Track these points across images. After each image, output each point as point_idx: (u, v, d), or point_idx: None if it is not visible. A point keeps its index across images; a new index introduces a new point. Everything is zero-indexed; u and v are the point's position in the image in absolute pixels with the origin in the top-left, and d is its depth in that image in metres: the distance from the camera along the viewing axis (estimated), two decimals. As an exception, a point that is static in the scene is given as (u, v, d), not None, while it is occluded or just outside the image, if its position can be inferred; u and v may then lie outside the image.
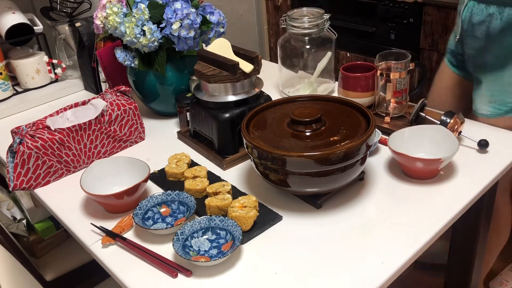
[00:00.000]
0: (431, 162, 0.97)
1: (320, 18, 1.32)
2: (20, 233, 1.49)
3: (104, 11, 1.22)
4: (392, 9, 1.98)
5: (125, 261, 0.87)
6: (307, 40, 1.35)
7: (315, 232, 0.89)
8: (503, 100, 1.24)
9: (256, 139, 0.94)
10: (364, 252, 0.83)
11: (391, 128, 1.15)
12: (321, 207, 0.95)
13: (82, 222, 0.98)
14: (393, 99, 1.17)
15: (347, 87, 1.23)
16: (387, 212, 0.93)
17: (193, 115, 1.19)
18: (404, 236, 0.86)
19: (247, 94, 1.11)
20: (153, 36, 1.17)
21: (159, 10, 1.18)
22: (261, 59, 1.12)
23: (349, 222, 0.91)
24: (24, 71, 1.59)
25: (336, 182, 0.91)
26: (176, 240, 0.85)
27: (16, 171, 1.05)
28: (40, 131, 1.07)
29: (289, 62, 1.41)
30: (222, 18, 1.27)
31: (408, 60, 1.13)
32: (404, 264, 0.81)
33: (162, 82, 1.28)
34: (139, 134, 1.25)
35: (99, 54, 1.37)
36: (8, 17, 1.57)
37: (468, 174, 1.01)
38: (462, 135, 1.10)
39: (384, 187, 1.00)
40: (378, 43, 2.12)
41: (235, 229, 0.86)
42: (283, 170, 0.89)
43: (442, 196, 0.95)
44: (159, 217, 0.95)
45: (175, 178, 1.07)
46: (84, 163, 1.16)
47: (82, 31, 1.46)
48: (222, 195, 0.95)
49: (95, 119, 1.13)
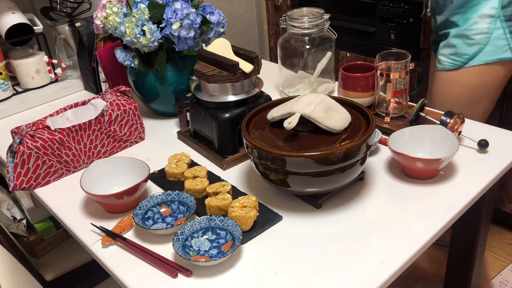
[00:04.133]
0: (431, 162, 0.97)
1: (320, 18, 1.32)
2: (20, 233, 1.49)
3: (104, 11, 1.22)
4: (392, 9, 1.98)
5: (125, 261, 0.87)
6: (307, 40, 1.35)
7: (315, 232, 0.89)
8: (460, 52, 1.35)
9: (256, 139, 0.94)
10: (364, 252, 0.83)
11: (391, 128, 1.15)
12: (321, 207, 0.95)
13: (82, 222, 0.98)
14: (393, 99, 1.17)
15: (347, 87, 1.23)
16: (387, 212, 0.93)
17: (193, 115, 1.19)
18: (404, 236, 0.86)
19: (247, 94, 1.11)
20: (153, 36, 1.17)
21: (159, 10, 1.18)
22: (261, 59, 1.12)
23: (349, 222, 0.91)
24: (24, 71, 1.59)
25: (336, 182, 0.91)
26: (176, 240, 0.85)
27: (16, 171, 1.05)
28: (40, 131, 1.07)
29: (289, 62, 1.41)
30: (222, 18, 1.27)
31: (408, 60, 1.13)
32: (404, 264, 0.81)
33: (162, 82, 1.28)
34: (139, 134, 1.25)
35: (99, 54, 1.37)
36: (8, 17, 1.57)
37: (468, 174, 1.01)
38: (462, 135, 1.10)
39: (384, 187, 1.00)
40: (378, 43, 2.12)
41: (235, 229, 0.86)
42: (283, 170, 0.89)
43: (442, 196, 0.95)
44: (159, 217, 0.95)
45: (175, 178, 1.07)
46: (84, 163, 1.16)
47: (82, 31, 1.46)
48: (222, 195, 0.95)
49: (95, 119, 1.13)
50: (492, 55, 1.31)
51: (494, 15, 1.28)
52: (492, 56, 1.31)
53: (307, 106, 0.94)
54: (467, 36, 1.33)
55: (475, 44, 1.32)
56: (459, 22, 1.34)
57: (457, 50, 1.35)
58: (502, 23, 1.28)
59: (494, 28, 1.28)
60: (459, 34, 1.34)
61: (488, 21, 1.29)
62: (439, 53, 1.42)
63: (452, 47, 1.37)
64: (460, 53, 1.35)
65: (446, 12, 1.38)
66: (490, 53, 1.31)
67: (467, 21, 1.32)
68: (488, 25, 1.29)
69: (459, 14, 1.33)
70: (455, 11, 1.34)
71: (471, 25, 1.31)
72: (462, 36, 1.34)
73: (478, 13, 1.29)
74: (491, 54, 1.31)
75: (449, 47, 1.38)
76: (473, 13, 1.31)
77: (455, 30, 1.36)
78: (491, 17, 1.28)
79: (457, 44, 1.35)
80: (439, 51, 1.42)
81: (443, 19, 1.40)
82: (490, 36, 1.29)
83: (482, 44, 1.30)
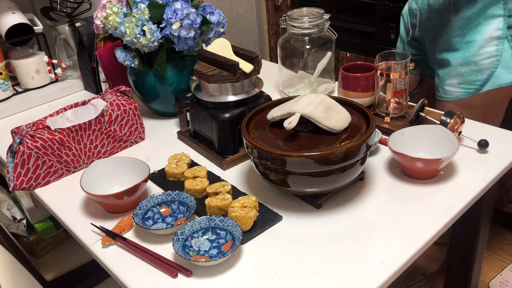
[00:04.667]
0: (431, 162, 0.97)
1: (320, 18, 1.32)
2: (20, 233, 1.49)
3: (104, 11, 1.22)
4: (392, 9, 1.98)
5: (125, 261, 0.87)
6: (307, 40, 1.35)
7: (315, 232, 0.89)
8: (471, 80, 1.30)
9: (256, 139, 0.94)
10: (364, 252, 0.83)
11: (391, 128, 1.15)
12: (321, 207, 0.95)
13: (82, 222, 0.98)
14: (393, 99, 1.17)
15: (347, 87, 1.23)
16: (387, 212, 0.93)
17: (193, 115, 1.19)
18: (404, 236, 0.86)
19: (247, 94, 1.11)
20: (153, 36, 1.17)
21: (159, 10, 1.18)
22: (261, 59, 1.12)
23: (349, 222, 0.91)
24: (24, 71, 1.59)
25: (336, 182, 0.91)
26: (176, 240, 0.85)
27: (16, 171, 1.05)
28: (40, 131, 1.07)
29: (289, 62, 1.41)
30: (222, 18, 1.27)
31: (408, 60, 1.13)
32: (404, 264, 0.81)
33: (162, 82, 1.28)
34: (139, 134, 1.25)
35: (99, 54, 1.37)
36: (8, 17, 1.57)
37: (468, 174, 1.01)
38: (462, 135, 1.10)
39: (384, 187, 1.00)
40: (378, 43, 2.12)
41: (235, 229, 0.86)
42: (283, 170, 0.89)
43: (442, 196, 0.95)
44: (159, 217, 0.95)
45: (175, 178, 1.07)
46: (84, 163, 1.16)
47: (82, 31, 1.46)
48: (222, 195, 0.95)
49: (95, 119, 1.13)
50: (505, 78, 1.27)
51: (501, 36, 1.24)
52: (506, 80, 1.28)
53: (307, 106, 0.94)
54: (475, 63, 1.28)
55: (485, 69, 1.27)
56: (459, 46, 1.29)
57: (466, 78, 1.30)
58: (510, 43, 1.25)
59: (502, 49, 1.25)
60: (466, 62, 1.29)
61: (495, 43, 1.25)
62: (445, 84, 1.35)
63: (460, 76, 1.31)
64: (471, 80, 1.30)
65: (444, 34, 1.32)
66: (502, 76, 1.27)
67: (471, 45, 1.27)
68: (496, 47, 1.25)
69: (459, 36, 1.28)
70: (455, 33, 1.29)
71: (477, 50, 1.26)
72: (469, 64, 1.28)
73: (482, 35, 1.25)
74: (504, 78, 1.27)
75: (456, 77, 1.32)
76: (474, 35, 1.26)
77: (459, 57, 1.30)
78: (497, 39, 1.24)
79: (465, 72, 1.30)
80: (444, 82, 1.35)
81: (440, 41, 1.34)
82: (500, 58, 1.25)
83: (493, 68, 1.26)
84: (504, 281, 1.77)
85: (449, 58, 1.32)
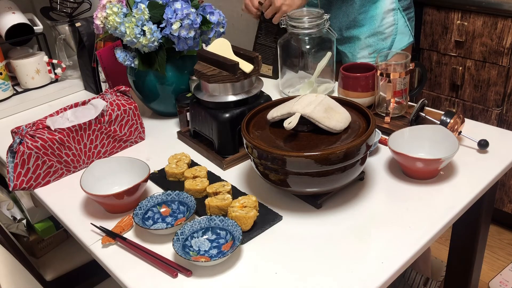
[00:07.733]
0: (431, 162, 0.97)
1: (320, 18, 1.32)
2: (20, 233, 1.49)
3: (104, 11, 1.22)
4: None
5: (125, 261, 0.87)
6: (307, 40, 1.35)
7: (315, 232, 0.89)
8: (379, 48, 1.52)
9: (256, 139, 0.94)
10: (364, 252, 0.83)
11: (391, 128, 1.15)
12: (321, 207, 0.95)
13: (82, 222, 0.98)
14: (393, 99, 1.17)
15: (347, 87, 1.23)
16: (387, 212, 0.93)
17: (193, 115, 1.19)
18: (404, 236, 0.86)
19: (247, 94, 1.11)
20: (153, 36, 1.17)
21: (159, 10, 1.18)
22: (261, 59, 1.12)
23: (349, 222, 0.91)
24: (24, 71, 1.59)
25: (336, 182, 0.91)
26: (176, 240, 0.85)
27: (16, 171, 1.05)
28: (40, 131, 1.07)
29: (289, 62, 1.41)
30: (222, 18, 1.27)
31: (408, 60, 1.13)
32: (404, 264, 0.81)
33: (162, 82, 1.28)
34: (139, 134, 1.25)
35: (99, 54, 1.37)
36: (8, 17, 1.57)
37: (468, 174, 1.01)
38: (462, 135, 1.10)
39: (384, 187, 1.00)
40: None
41: (235, 229, 0.86)
42: (283, 170, 0.89)
43: (442, 196, 0.95)
44: (159, 217, 0.95)
45: (175, 178, 1.07)
46: (84, 163, 1.16)
47: (82, 31, 1.46)
48: (222, 195, 0.95)
49: (95, 119, 1.13)
50: (403, 41, 1.53)
51: (395, 8, 1.49)
52: (404, 43, 1.53)
53: (307, 106, 0.94)
54: (381, 32, 1.50)
55: (388, 37, 1.51)
56: (364, 21, 1.50)
57: (375, 48, 1.52)
58: (402, 13, 1.51)
59: (398, 19, 1.50)
60: (372, 33, 1.51)
61: (392, 14, 1.49)
62: (357, 58, 1.56)
63: (369, 47, 1.53)
64: (379, 48, 1.52)
65: (349, 13, 1.50)
66: (400, 41, 1.53)
67: (374, 18, 1.49)
68: (393, 17, 1.50)
69: (363, 13, 1.49)
70: (359, 11, 1.49)
71: (380, 22, 1.49)
72: (375, 34, 1.51)
73: (382, 9, 1.48)
74: (402, 41, 1.53)
75: (366, 48, 1.53)
76: (375, 9, 1.48)
77: (366, 30, 1.51)
78: (393, 10, 1.49)
79: (373, 42, 1.52)
80: (356, 56, 1.56)
81: (345, 21, 1.52)
82: (397, 26, 1.50)
83: (393, 35, 1.51)
84: (504, 281, 1.77)
85: (357, 34, 1.53)
